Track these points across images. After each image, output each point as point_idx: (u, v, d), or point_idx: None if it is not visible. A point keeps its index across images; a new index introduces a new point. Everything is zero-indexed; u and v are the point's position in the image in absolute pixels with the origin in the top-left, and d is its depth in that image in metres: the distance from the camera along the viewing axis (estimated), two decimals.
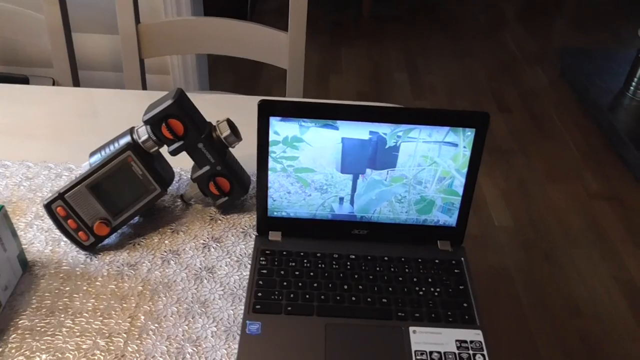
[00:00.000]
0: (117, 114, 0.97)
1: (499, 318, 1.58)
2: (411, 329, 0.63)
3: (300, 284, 0.67)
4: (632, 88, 2.28)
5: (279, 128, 0.67)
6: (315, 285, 0.67)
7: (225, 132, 0.73)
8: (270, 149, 0.68)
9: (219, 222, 0.77)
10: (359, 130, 0.67)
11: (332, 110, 0.66)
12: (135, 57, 1.18)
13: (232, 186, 0.76)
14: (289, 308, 0.64)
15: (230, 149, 0.76)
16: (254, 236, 0.74)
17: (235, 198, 0.77)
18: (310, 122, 0.66)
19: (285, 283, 0.67)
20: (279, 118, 0.66)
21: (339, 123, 0.66)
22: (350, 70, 2.75)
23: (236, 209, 0.79)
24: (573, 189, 2.06)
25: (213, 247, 0.73)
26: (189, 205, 0.79)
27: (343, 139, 0.67)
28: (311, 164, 0.69)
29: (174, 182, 0.83)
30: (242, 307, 0.65)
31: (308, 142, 0.68)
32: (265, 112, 0.66)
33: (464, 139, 0.67)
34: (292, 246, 0.72)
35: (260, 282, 0.67)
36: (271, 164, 0.69)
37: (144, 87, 1.21)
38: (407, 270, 0.70)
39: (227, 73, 2.62)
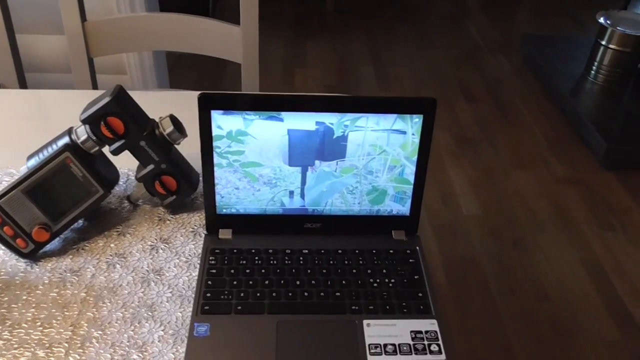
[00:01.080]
0: (65, 116, 0.94)
1: (469, 306, 1.59)
2: (365, 322, 0.61)
3: (251, 282, 0.65)
4: (592, 72, 2.31)
5: (222, 122, 0.65)
6: (266, 282, 0.65)
7: (168, 128, 0.70)
8: (215, 144, 0.66)
9: (168, 222, 0.74)
10: (305, 121, 0.65)
11: (275, 101, 0.64)
12: (83, 56, 1.14)
13: (179, 184, 0.73)
14: (239, 307, 0.62)
15: (175, 146, 0.73)
16: (204, 235, 0.72)
17: (183, 197, 0.74)
18: (254, 115, 0.64)
19: (235, 282, 0.65)
20: (221, 111, 0.64)
21: (283, 114, 0.64)
22: (315, 64, 2.73)
23: (185, 208, 0.77)
24: (539, 174, 2.08)
25: (161, 249, 0.71)
26: (136, 207, 0.76)
27: (289, 131, 0.65)
28: (258, 157, 0.67)
29: (120, 183, 0.80)
30: (191, 309, 0.63)
31: (253, 135, 0.65)
32: (206, 106, 0.64)
33: (412, 125, 0.66)
34: (243, 243, 0.70)
35: (209, 282, 0.65)
36: (216, 159, 0.67)
37: (95, 87, 1.17)
38: (361, 262, 0.68)
39: (189, 71, 2.57)
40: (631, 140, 2.03)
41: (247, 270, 0.66)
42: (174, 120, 0.71)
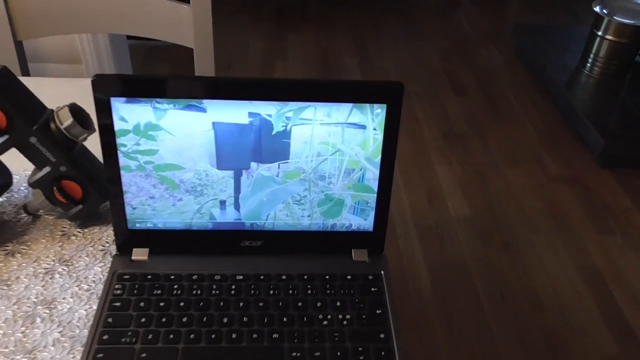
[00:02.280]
0: None
1: (455, 314, 1.45)
2: None
3: (164, 320, 0.50)
4: (588, 65, 2.18)
5: (126, 112, 0.50)
6: (184, 320, 0.50)
7: (65, 121, 0.55)
8: (119, 140, 0.51)
9: (73, 238, 0.60)
10: (235, 112, 0.50)
11: (194, 85, 0.49)
12: (9, 39, 0.98)
13: (86, 191, 0.58)
14: (144, 355, 0.48)
15: (81, 143, 0.58)
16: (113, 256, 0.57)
17: (91, 206, 0.59)
18: (167, 103, 0.49)
19: (143, 319, 0.50)
20: (123, 99, 0.49)
21: (206, 103, 0.50)
22: (297, 57, 2.58)
23: (98, 220, 0.62)
24: (532, 172, 1.95)
25: (59, 273, 0.56)
26: (36, 218, 0.61)
27: (215, 125, 0.51)
28: (176, 158, 0.52)
29: (22, 188, 0.65)
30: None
31: (168, 129, 0.51)
32: (103, 92, 0.49)
33: (372, 118, 0.51)
34: (161, 267, 0.55)
35: (110, 320, 0.50)
36: (123, 160, 0.52)
37: (25, 74, 1.02)
38: (309, 291, 0.54)
39: (161, 63, 2.41)
40: (629, 137, 1.89)
41: (162, 303, 0.52)
42: (74, 111, 0.56)
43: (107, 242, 0.59)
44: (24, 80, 0.57)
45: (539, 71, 2.32)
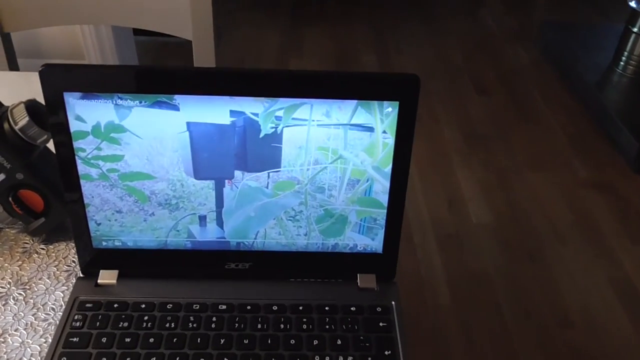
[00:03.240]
0: None
1: (477, 330, 1.35)
2: None
3: None
4: (621, 63, 2.05)
5: (83, 110, 0.41)
6: None
7: (20, 120, 0.47)
8: (76, 144, 0.43)
9: (35, 256, 0.52)
10: (214, 111, 0.42)
11: (163, 77, 0.41)
12: None
13: (48, 202, 0.50)
14: None
15: (42, 146, 0.50)
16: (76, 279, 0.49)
17: (55, 220, 0.51)
18: (132, 99, 0.41)
19: (104, 359, 0.42)
20: (78, 94, 0.41)
21: (178, 99, 0.41)
22: (313, 53, 2.50)
23: (65, 235, 0.54)
24: (560, 178, 1.83)
25: (14, 298, 0.48)
26: None
27: (190, 125, 0.42)
28: (145, 166, 0.44)
29: None
30: None
31: (134, 131, 0.42)
32: (55, 85, 0.40)
33: (382, 119, 0.42)
34: (131, 293, 0.47)
35: None
36: (82, 168, 0.44)
37: (13, 68, 0.95)
38: (304, 326, 0.45)
39: (174, 60, 2.35)
40: None
41: (127, 339, 0.43)
42: (33, 108, 0.48)
43: (73, 262, 0.51)
44: (11, 75, 0.49)
45: (568, 70, 2.20)
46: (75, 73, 0.40)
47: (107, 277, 0.48)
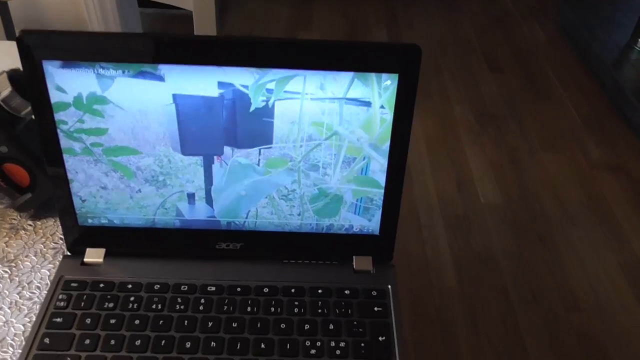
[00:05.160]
0: None
1: (482, 312, 1.33)
2: None
3: (112, 342, 0.40)
4: None
5: (63, 80, 0.39)
6: (137, 343, 0.40)
7: (3, 91, 0.45)
8: (57, 116, 0.41)
9: (22, 232, 0.50)
10: (201, 82, 0.39)
11: (147, 45, 0.38)
12: None
13: (34, 177, 0.48)
14: None
15: (28, 118, 0.48)
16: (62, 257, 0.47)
17: (41, 195, 0.50)
18: (115, 69, 0.39)
19: (87, 341, 0.40)
20: (58, 62, 0.38)
21: (163, 69, 0.39)
22: (323, 27, 2.45)
23: (53, 211, 0.52)
24: (572, 158, 1.79)
25: None
26: None
27: (176, 97, 0.40)
28: (131, 140, 0.42)
29: None
30: None
31: (117, 103, 0.40)
32: (33, 52, 0.38)
33: (380, 92, 0.39)
34: (118, 272, 0.45)
35: (47, 340, 0.40)
36: (65, 142, 0.42)
37: (10, 37, 0.93)
38: (296, 309, 0.43)
39: (181, 30, 2.31)
40: None
41: (112, 320, 0.42)
42: (16, 78, 0.46)
43: (60, 239, 0.50)
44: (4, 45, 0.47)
45: (584, 48, 2.14)
46: (54, 40, 0.38)
47: (93, 255, 0.46)
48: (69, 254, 0.47)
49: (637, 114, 1.78)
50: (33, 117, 0.48)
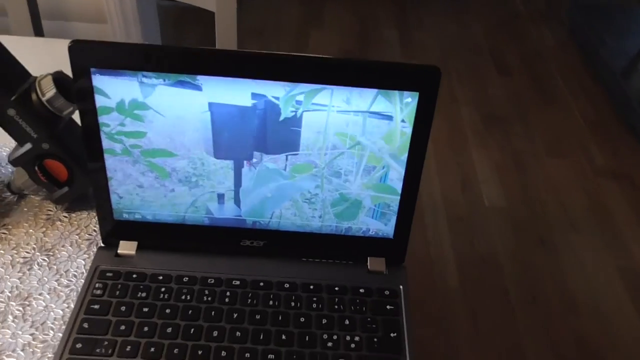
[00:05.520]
0: None
1: (483, 312, 1.37)
2: None
3: (146, 329, 0.44)
4: None
5: (108, 87, 0.42)
6: (169, 330, 0.44)
7: (48, 92, 0.48)
8: (101, 119, 0.44)
9: (58, 224, 0.54)
10: (236, 92, 0.42)
11: (187, 57, 0.41)
12: None
13: (72, 172, 0.52)
14: None
15: (67, 117, 0.52)
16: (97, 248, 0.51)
17: (79, 189, 0.53)
18: (156, 78, 0.42)
19: (123, 327, 0.44)
20: (105, 70, 0.42)
21: (201, 80, 0.42)
22: (333, 26, 2.47)
23: (87, 205, 0.55)
24: (576, 164, 1.82)
25: (37, 264, 0.50)
26: (21, 198, 0.56)
27: (211, 106, 0.43)
28: (168, 143, 0.45)
29: (1, 162, 0.59)
30: None
31: (157, 109, 0.43)
32: (83, 60, 0.41)
33: (401, 108, 0.43)
34: (149, 264, 0.48)
35: (85, 325, 0.44)
36: (106, 143, 0.45)
37: (38, 34, 0.96)
38: (314, 305, 0.46)
39: (195, 26, 2.34)
40: None
41: (145, 309, 0.45)
42: (60, 80, 0.49)
43: (94, 231, 0.53)
44: (38, 42, 0.50)
45: (593, 55, 2.16)
46: (102, 50, 0.41)
47: (126, 247, 0.49)
48: (103, 245, 0.50)
49: None
50: (72, 117, 0.51)
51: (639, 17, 2.23)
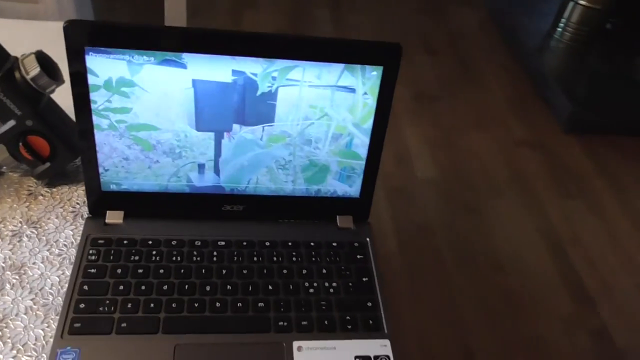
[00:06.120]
0: None
1: (420, 277, 1.48)
2: (295, 344, 0.46)
3: (143, 287, 0.48)
4: (559, 30, 2.18)
5: (97, 65, 0.46)
6: (165, 287, 0.48)
7: (32, 71, 0.50)
8: (90, 96, 0.47)
9: (41, 198, 0.56)
10: (217, 69, 0.47)
11: (173, 37, 0.45)
12: None
13: (54, 148, 0.54)
14: (124, 324, 0.45)
15: (48, 95, 0.54)
16: (85, 218, 0.54)
17: (60, 165, 0.56)
18: (143, 56, 0.46)
19: (121, 287, 0.48)
20: (96, 50, 0.45)
21: (186, 57, 0.46)
22: (266, 5, 2.49)
23: (67, 178, 0.58)
24: (498, 136, 1.97)
25: (27, 236, 0.52)
26: (0, 175, 0.57)
27: (195, 82, 0.47)
28: (152, 118, 0.49)
29: None
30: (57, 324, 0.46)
31: (143, 86, 0.47)
32: (77, 40, 0.44)
33: (364, 81, 0.49)
34: (138, 231, 0.52)
35: (85, 287, 0.48)
36: (94, 119, 0.48)
37: None
38: (294, 259, 0.52)
39: (124, 6, 2.28)
40: (596, 104, 1.93)
41: (140, 270, 0.49)
42: (42, 59, 0.51)
43: (77, 204, 0.56)
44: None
45: (511, 34, 2.32)
46: (93, 28, 0.44)
47: (113, 217, 0.53)
48: (90, 216, 0.53)
49: (556, 97, 1.98)
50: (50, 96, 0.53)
51: None
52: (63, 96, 0.54)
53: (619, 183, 1.83)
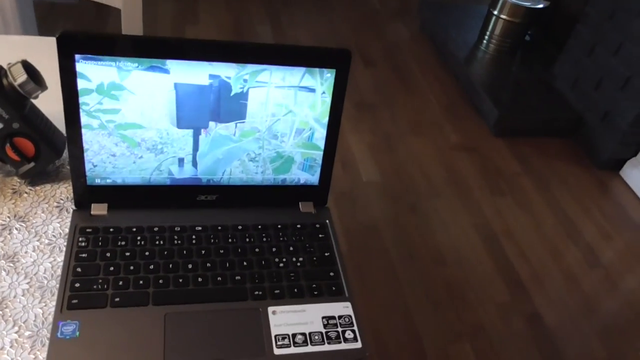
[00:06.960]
0: None
1: (370, 273, 1.57)
2: (270, 309, 0.53)
3: (131, 268, 0.54)
4: (484, 41, 2.37)
5: (90, 71, 0.52)
6: (151, 267, 0.54)
7: (19, 77, 0.55)
8: (81, 99, 0.53)
9: (25, 195, 0.60)
10: (196, 74, 0.54)
11: (158, 46, 0.52)
12: None
13: (38, 149, 0.59)
14: (117, 299, 0.51)
15: (32, 100, 0.59)
16: (72, 211, 0.59)
17: (44, 164, 0.60)
18: (131, 63, 0.52)
19: (112, 268, 0.54)
20: (88, 57, 0.51)
21: (169, 64, 0.53)
22: (209, 21, 2.55)
23: (49, 177, 0.63)
24: (434, 141, 2.11)
25: (16, 229, 0.57)
26: None
27: (176, 85, 0.54)
28: (138, 118, 0.55)
29: None
30: (55, 304, 0.51)
31: (131, 89, 0.53)
32: (68, 49, 0.50)
33: (322, 82, 0.57)
34: (122, 221, 0.58)
35: (79, 270, 0.53)
36: (85, 119, 0.54)
37: None
38: (264, 239, 0.59)
39: (65, 21, 2.28)
40: (519, 109, 2.11)
41: (127, 253, 0.55)
42: (27, 67, 0.56)
43: (61, 199, 0.61)
44: None
45: (442, 46, 2.49)
46: (85, 39, 0.50)
47: (98, 209, 0.58)
48: (75, 209, 0.58)
49: (484, 103, 2.14)
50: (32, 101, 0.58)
51: (475, 13, 2.61)
52: (44, 102, 0.60)
53: (543, 180, 2.01)
